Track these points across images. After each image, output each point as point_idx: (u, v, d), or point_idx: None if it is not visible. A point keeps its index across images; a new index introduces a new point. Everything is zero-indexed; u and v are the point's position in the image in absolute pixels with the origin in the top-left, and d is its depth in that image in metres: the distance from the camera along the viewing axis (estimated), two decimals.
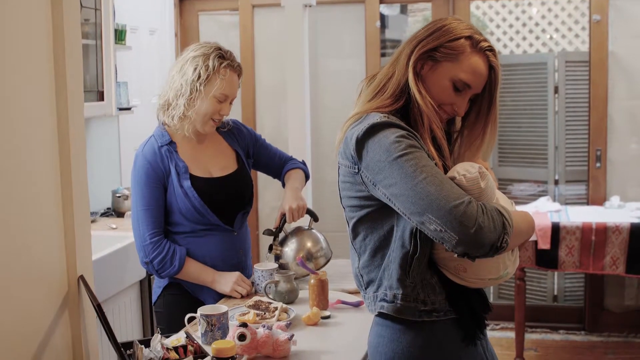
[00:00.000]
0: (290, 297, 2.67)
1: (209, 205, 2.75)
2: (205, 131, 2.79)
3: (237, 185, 2.88)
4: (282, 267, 2.91)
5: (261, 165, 3.09)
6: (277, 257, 2.95)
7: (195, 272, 2.76)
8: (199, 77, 2.68)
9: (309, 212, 3.00)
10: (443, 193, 1.68)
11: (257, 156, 3.04)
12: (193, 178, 2.75)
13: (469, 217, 1.66)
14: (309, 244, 2.93)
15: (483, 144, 1.94)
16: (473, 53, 1.86)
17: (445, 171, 1.84)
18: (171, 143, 2.77)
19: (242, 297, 2.76)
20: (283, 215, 2.91)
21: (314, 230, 3.01)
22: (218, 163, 2.87)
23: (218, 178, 2.83)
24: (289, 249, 2.92)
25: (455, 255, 1.74)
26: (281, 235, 2.97)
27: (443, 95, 1.88)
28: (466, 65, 1.85)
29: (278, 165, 3.11)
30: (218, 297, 2.79)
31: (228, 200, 2.83)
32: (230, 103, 2.80)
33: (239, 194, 2.88)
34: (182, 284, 2.80)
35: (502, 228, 1.70)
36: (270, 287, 2.69)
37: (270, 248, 2.95)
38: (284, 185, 3.08)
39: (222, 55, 2.74)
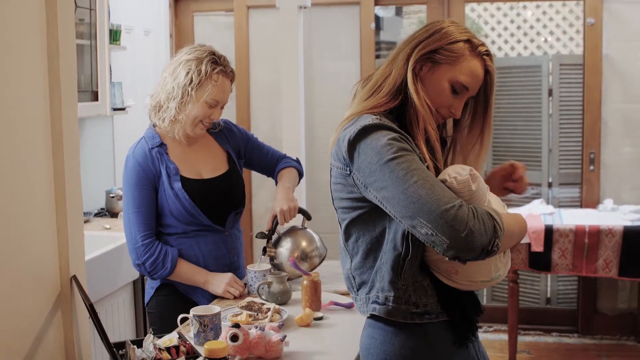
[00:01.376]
0: (283, 299, 2.67)
1: (199, 206, 2.75)
2: (195, 134, 2.78)
3: (228, 186, 2.87)
4: (277, 267, 2.91)
5: (254, 165, 3.08)
6: (272, 259, 2.95)
7: (188, 273, 2.76)
8: (191, 81, 2.67)
9: (302, 211, 3.00)
10: (434, 197, 1.69)
11: (249, 155, 3.03)
12: (183, 179, 2.75)
13: (460, 221, 1.66)
14: (303, 244, 2.93)
15: (483, 149, 1.96)
16: (472, 56, 1.88)
17: (437, 173, 1.84)
18: (162, 145, 2.77)
19: (235, 298, 2.76)
20: (275, 217, 2.91)
21: (307, 230, 3.00)
22: (209, 164, 2.86)
23: (209, 179, 2.83)
24: (284, 249, 2.92)
25: (447, 258, 1.74)
26: (274, 236, 2.97)
27: (441, 97, 1.89)
28: (465, 68, 1.87)
29: (271, 163, 3.10)
30: (211, 297, 2.79)
31: (219, 201, 2.83)
32: (221, 108, 2.79)
33: (230, 195, 2.87)
34: (174, 285, 2.80)
35: (493, 231, 1.70)
36: (263, 288, 2.69)
37: (265, 250, 2.95)
38: (277, 183, 3.08)
39: (216, 60, 2.72)
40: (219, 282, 2.76)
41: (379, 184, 1.76)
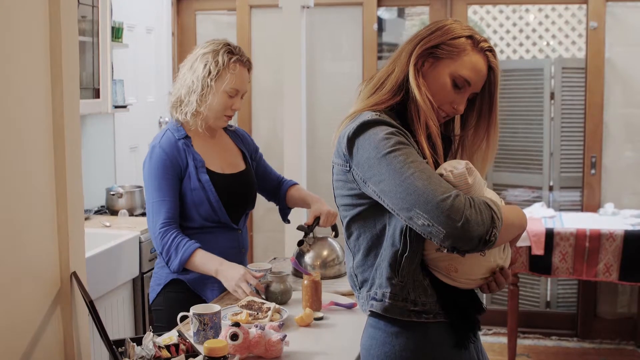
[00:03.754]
0: (283, 298, 2.67)
1: (222, 200, 2.77)
2: (218, 126, 2.84)
3: (246, 183, 2.92)
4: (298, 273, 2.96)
5: (258, 178, 3.09)
6: (302, 254, 2.98)
7: (201, 262, 2.69)
8: (210, 73, 2.72)
9: (333, 225, 3.05)
10: (430, 187, 1.69)
11: (256, 167, 3.06)
12: (209, 172, 2.78)
13: (456, 211, 1.65)
14: (325, 253, 3.00)
15: (489, 148, 1.95)
16: (474, 52, 1.89)
17: (437, 169, 1.84)
18: (187, 137, 2.80)
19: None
20: (317, 218, 2.96)
21: (336, 246, 3.05)
22: (228, 160, 2.90)
23: (230, 175, 2.86)
24: (313, 254, 2.98)
25: (445, 250, 1.73)
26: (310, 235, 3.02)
27: (443, 93, 1.89)
28: (467, 63, 1.88)
29: (273, 181, 3.16)
30: (220, 294, 2.79)
31: (238, 198, 2.86)
32: (241, 97, 2.83)
33: (247, 193, 2.92)
34: (184, 281, 2.78)
35: (491, 221, 1.69)
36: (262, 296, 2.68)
37: (301, 243, 2.98)
38: (283, 201, 3.14)
39: (232, 50, 2.78)
40: (231, 276, 2.65)
41: (377, 178, 1.76)
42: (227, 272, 2.67)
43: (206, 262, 2.69)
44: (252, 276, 2.65)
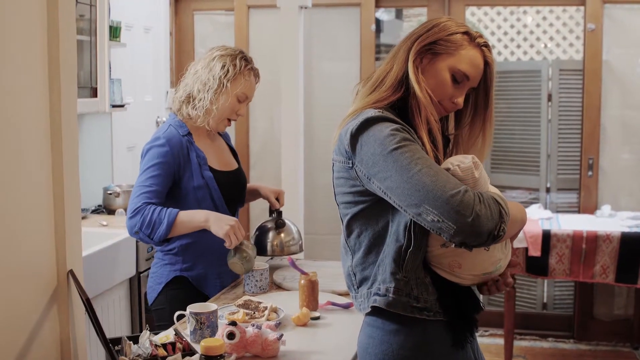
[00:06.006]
0: (247, 266, 2.74)
1: (224, 196, 2.84)
2: (219, 129, 2.91)
3: (239, 181, 3.00)
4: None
5: None
6: (282, 225, 3.08)
7: (187, 216, 2.70)
8: (227, 73, 2.80)
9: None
10: (439, 183, 1.69)
11: None
12: (211, 170, 2.83)
13: (466, 206, 1.66)
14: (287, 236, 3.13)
15: (485, 143, 1.97)
16: (471, 46, 1.91)
17: (438, 164, 1.84)
18: (189, 134, 2.84)
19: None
20: (276, 198, 3.09)
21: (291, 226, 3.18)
22: (224, 158, 2.98)
23: (228, 172, 2.93)
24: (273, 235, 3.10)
25: (453, 245, 1.74)
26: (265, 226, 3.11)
27: (442, 88, 1.90)
28: (465, 57, 1.89)
29: None
30: (221, 289, 2.82)
31: (234, 194, 2.94)
32: (246, 105, 2.94)
33: (241, 190, 3.01)
34: (187, 278, 2.81)
35: (499, 216, 1.71)
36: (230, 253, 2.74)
37: (282, 224, 3.08)
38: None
39: (247, 58, 2.89)
40: (223, 223, 2.69)
41: (383, 174, 1.76)
42: (218, 219, 2.71)
43: (193, 216, 2.71)
44: (240, 232, 2.71)
